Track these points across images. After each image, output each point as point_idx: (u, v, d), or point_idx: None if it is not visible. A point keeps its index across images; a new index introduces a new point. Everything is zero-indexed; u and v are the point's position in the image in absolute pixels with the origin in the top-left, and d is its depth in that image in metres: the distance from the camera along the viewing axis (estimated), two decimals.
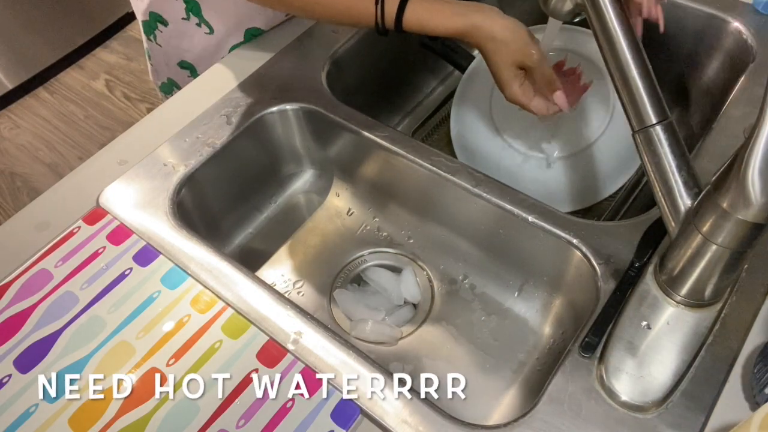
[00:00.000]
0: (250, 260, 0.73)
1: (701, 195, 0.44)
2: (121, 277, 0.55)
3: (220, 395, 0.48)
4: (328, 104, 0.70)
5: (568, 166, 0.69)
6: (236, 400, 0.48)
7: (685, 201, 0.45)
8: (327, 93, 0.71)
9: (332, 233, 0.75)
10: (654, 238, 0.54)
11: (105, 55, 2.22)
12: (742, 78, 0.68)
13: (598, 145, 0.65)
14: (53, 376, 0.50)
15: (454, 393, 0.62)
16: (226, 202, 0.72)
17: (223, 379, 0.49)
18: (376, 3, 0.58)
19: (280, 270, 0.72)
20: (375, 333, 0.65)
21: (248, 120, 0.69)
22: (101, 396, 0.48)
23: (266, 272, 0.72)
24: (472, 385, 0.62)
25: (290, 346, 0.50)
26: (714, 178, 0.42)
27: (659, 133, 0.43)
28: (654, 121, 0.43)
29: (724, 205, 0.41)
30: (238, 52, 0.78)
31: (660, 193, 0.46)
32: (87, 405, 0.48)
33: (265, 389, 0.48)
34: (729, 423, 0.45)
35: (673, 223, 0.46)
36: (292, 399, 0.48)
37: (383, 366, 0.49)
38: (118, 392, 0.49)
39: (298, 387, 0.48)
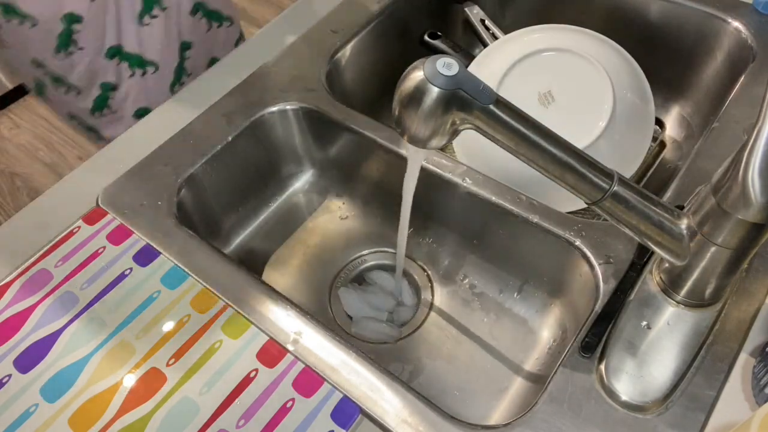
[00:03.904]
0: (250, 260, 0.73)
1: (700, 195, 0.44)
2: (121, 277, 0.56)
3: (220, 395, 0.48)
4: (328, 104, 0.70)
5: None
6: (236, 400, 0.48)
7: (679, 225, 0.45)
8: (327, 93, 0.71)
9: (332, 233, 0.75)
10: None
11: None
12: (742, 78, 0.68)
13: (598, 145, 0.65)
14: (53, 375, 0.50)
15: (454, 393, 0.62)
16: (226, 202, 0.72)
17: (223, 379, 0.49)
18: None
19: (280, 270, 0.72)
20: (375, 332, 0.66)
21: (248, 120, 0.69)
22: (101, 396, 0.49)
23: (266, 272, 0.72)
24: (472, 385, 0.62)
25: (290, 346, 0.50)
26: (714, 178, 0.42)
27: (620, 189, 0.42)
28: (609, 183, 0.42)
29: (724, 205, 0.41)
30: (238, 52, 0.78)
31: (655, 235, 0.44)
32: (87, 405, 0.48)
33: (265, 389, 0.48)
34: (729, 423, 0.45)
35: (681, 250, 0.45)
36: (292, 399, 0.48)
37: (383, 366, 0.49)
38: (118, 392, 0.49)
39: (298, 387, 0.48)
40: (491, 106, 0.40)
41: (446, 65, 0.39)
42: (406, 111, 0.41)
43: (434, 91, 0.39)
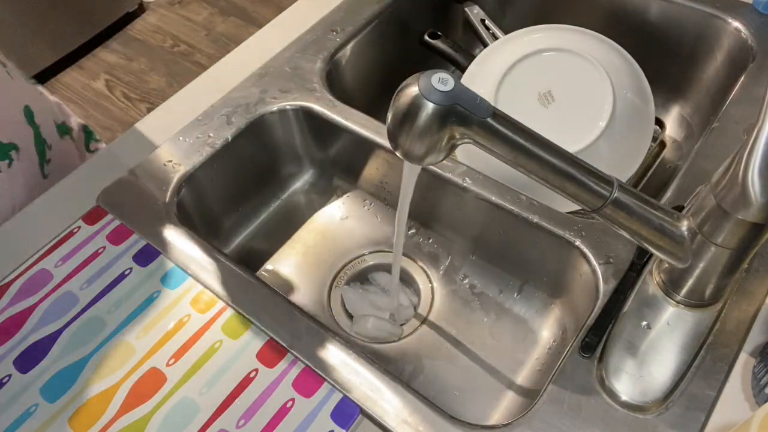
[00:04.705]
0: (250, 260, 0.73)
1: (700, 195, 0.44)
2: (121, 277, 0.56)
3: (220, 395, 0.48)
4: (328, 104, 0.70)
5: None
6: (236, 400, 0.48)
7: (680, 228, 0.45)
8: (327, 93, 0.71)
9: (332, 233, 0.75)
10: None
11: (105, 55, 2.22)
12: (742, 78, 0.68)
13: (598, 145, 0.65)
14: (53, 375, 0.50)
15: (454, 393, 0.62)
16: (226, 202, 0.72)
17: (223, 379, 0.49)
18: None
19: (280, 270, 0.72)
20: (376, 329, 0.66)
21: (248, 120, 0.69)
22: (101, 396, 0.49)
23: (266, 272, 0.72)
24: (472, 384, 0.62)
25: (290, 347, 0.50)
26: (714, 178, 0.42)
27: (621, 195, 0.42)
28: (609, 190, 0.42)
29: (724, 205, 0.41)
30: (238, 52, 0.78)
31: (656, 239, 0.45)
32: (87, 405, 0.48)
33: (265, 389, 0.48)
34: (729, 423, 0.45)
35: (683, 253, 0.46)
36: (292, 399, 0.48)
37: (383, 366, 0.49)
38: (118, 392, 0.49)
39: (298, 387, 0.48)
40: (489, 120, 0.40)
41: (441, 80, 0.39)
42: (402, 127, 0.40)
43: (429, 107, 0.38)
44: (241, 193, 0.73)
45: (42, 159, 0.71)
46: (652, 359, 0.47)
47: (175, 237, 0.58)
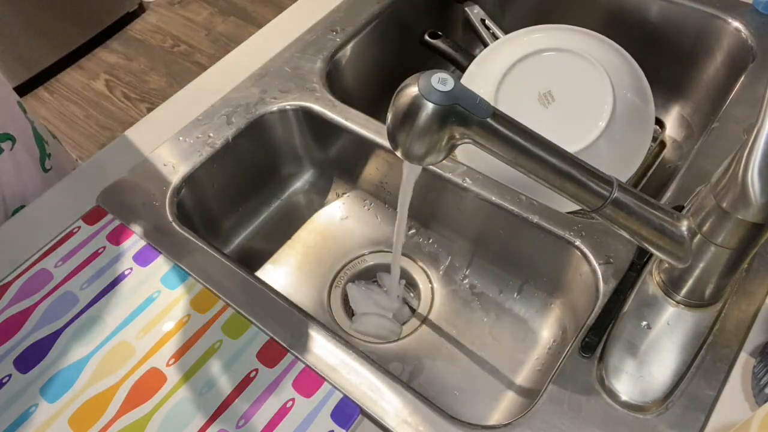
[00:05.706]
0: (250, 260, 0.73)
1: (699, 195, 0.44)
2: (121, 277, 0.56)
3: (220, 395, 0.48)
4: (328, 104, 0.70)
5: None
6: (236, 401, 0.48)
7: (680, 228, 0.45)
8: (327, 93, 0.71)
9: (332, 233, 0.75)
10: None
11: (105, 55, 2.22)
12: (742, 78, 0.68)
13: (598, 145, 0.65)
14: (53, 375, 0.50)
15: (454, 393, 0.62)
16: (226, 202, 0.72)
17: (223, 379, 0.49)
18: None
19: (280, 270, 0.72)
20: (376, 327, 0.66)
21: (248, 120, 0.69)
22: (101, 396, 0.49)
23: (266, 272, 0.72)
24: (472, 384, 0.62)
25: (290, 346, 0.50)
26: (714, 178, 0.42)
27: (620, 195, 0.42)
28: (609, 189, 0.42)
29: (724, 205, 0.41)
30: (238, 52, 0.78)
31: (656, 239, 0.44)
32: (87, 405, 0.48)
33: (265, 389, 0.48)
34: (729, 423, 0.45)
35: (683, 253, 0.45)
36: (292, 399, 0.48)
37: (383, 366, 0.49)
38: (118, 392, 0.49)
39: (298, 387, 0.48)
40: (489, 120, 0.40)
41: (441, 80, 0.39)
42: (402, 127, 0.40)
43: (429, 107, 0.39)
44: (241, 193, 0.73)
45: (43, 153, 0.72)
46: (652, 359, 0.48)
47: (175, 237, 0.58)
